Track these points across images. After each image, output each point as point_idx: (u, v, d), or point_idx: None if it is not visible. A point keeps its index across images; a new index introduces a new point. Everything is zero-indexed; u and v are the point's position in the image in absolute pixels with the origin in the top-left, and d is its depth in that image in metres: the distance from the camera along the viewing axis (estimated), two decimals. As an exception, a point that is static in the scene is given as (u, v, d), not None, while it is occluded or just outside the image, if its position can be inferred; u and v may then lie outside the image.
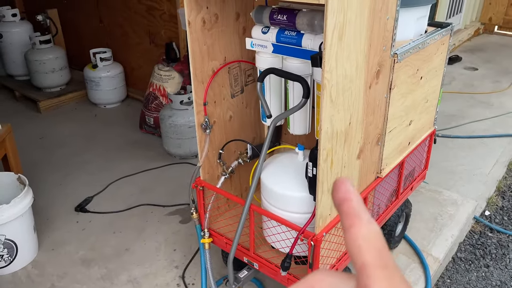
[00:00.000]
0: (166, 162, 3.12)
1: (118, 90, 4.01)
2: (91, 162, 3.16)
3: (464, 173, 3.03)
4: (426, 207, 2.59)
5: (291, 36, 1.53)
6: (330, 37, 1.18)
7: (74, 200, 2.72)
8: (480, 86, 4.46)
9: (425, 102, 1.93)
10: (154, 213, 2.61)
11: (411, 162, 2.04)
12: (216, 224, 1.90)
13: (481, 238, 2.58)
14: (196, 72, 1.65)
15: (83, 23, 4.40)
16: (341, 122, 1.39)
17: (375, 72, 1.47)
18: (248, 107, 1.97)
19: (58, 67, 4.10)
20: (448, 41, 1.91)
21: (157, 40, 3.74)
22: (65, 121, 3.84)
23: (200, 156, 1.79)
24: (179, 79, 3.37)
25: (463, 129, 3.63)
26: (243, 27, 1.79)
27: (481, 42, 5.86)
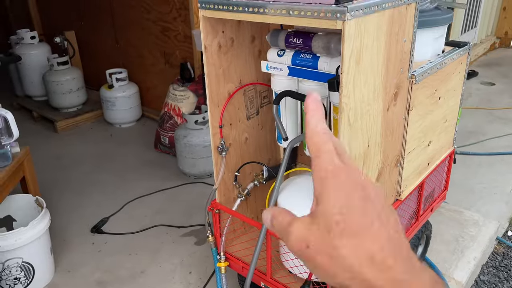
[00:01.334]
0: (181, 182, 3.12)
1: (133, 109, 4.06)
2: (107, 182, 3.18)
3: (484, 191, 2.96)
4: (447, 228, 2.53)
5: (307, 59, 1.52)
6: (348, 62, 1.17)
7: (90, 221, 2.73)
8: (498, 101, 4.39)
9: (444, 122, 1.90)
10: (169, 234, 2.60)
11: (431, 183, 1.99)
12: (232, 247, 1.88)
13: (504, 260, 2.50)
14: (212, 95, 1.65)
15: (99, 44, 4.49)
16: (359, 146, 1.37)
17: (393, 94, 1.45)
18: (263, 128, 1.96)
19: (75, 88, 4.17)
20: (466, 60, 1.88)
21: (172, 60, 3.79)
22: (81, 141, 3.88)
23: (216, 179, 1.78)
24: (193, 99, 3.39)
25: (482, 146, 3.56)
26: (258, 49, 1.79)
27: (498, 56, 5.79)
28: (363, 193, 0.40)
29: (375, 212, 0.39)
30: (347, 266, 0.38)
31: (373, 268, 0.37)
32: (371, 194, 0.40)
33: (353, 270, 0.37)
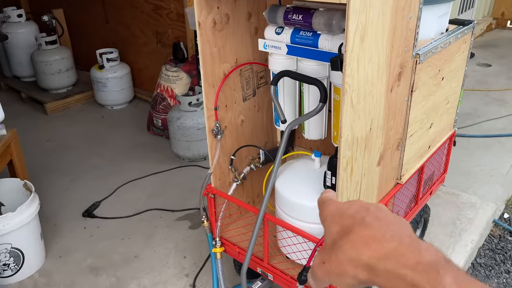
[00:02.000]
0: (175, 165, 3.06)
1: (125, 91, 3.96)
2: (99, 166, 3.11)
3: (481, 174, 2.94)
4: (444, 211, 2.50)
5: (307, 36, 1.45)
6: (352, 39, 1.10)
7: (82, 205, 2.67)
8: (494, 83, 4.35)
9: (446, 103, 1.85)
10: (163, 218, 2.55)
11: (431, 166, 1.95)
12: (228, 232, 1.83)
13: (500, 242, 2.49)
14: (206, 76, 1.58)
15: (89, 23, 4.34)
16: (362, 128, 1.31)
17: (397, 74, 1.39)
18: (260, 110, 1.89)
19: (65, 68, 4.05)
20: (470, 39, 1.82)
21: (164, 40, 3.67)
22: (72, 123, 3.79)
23: (211, 163, 1.72)
24: (187, 80, 3.30)
25: (478, 127, 3.53)
26: (255, 27, 1.71)
27: (494, 37, 5.72)
28: (354, 205, 0.49)
29: (366, 211, 0.47)
30: (350, 257, 0.44)
31: (367, 250, 0.43)
32: (362, 203, 0.49)
33: (354, 258, 0.44)
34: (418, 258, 0.41)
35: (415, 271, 0.40)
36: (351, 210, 0.48)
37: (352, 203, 0.49)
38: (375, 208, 0.47)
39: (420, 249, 0.42)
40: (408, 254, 0.42)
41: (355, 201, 0.50)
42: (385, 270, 0.42)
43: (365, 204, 0.48)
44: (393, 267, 0.41)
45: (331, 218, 0.49)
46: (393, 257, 0.42)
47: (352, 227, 0.45)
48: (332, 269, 0.46)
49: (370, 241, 0.44)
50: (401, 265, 0.41)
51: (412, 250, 0.42)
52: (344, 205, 0.49)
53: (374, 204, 0.48)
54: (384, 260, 0.42)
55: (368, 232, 0.44)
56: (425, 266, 0.40)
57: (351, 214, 0.47)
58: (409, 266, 0.41)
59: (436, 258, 0.41)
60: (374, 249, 0.43)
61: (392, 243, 0.43)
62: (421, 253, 0.42)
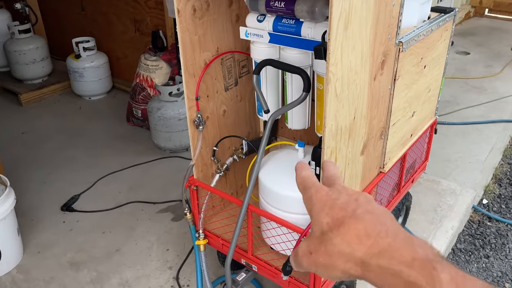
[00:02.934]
0: (156, 157, 3.00)
1: (103, 81, 3.86)
2: (77, 158, 3.03)
3: (460, 160, 2.98)
4: (425, 198, 2.53)
5: (289, 24, 1.42)
6: (336, 26, 1.08)
7: (60, 199, 2.60)
8: (473, 70, 4.41)
9: (428, 91, 1.85)
10: (144, 211, 2.51)
11: (413, 154, 1.96)
12: (211, 224, 1.81)
13: (480, 228, 2.54)
14: (187, 65, 1.53)
15: (64, 11, 4.20)
16: (346, 118, 1.30)
17: (380, 63, 1.38)
18: (242, 100, 1.86)
19: (39, 58, 3.92)
20: (451, 27, 1.82)
21: (143, 28, 3.58)
22: (48, 114, 3.68)
23: (193, 154, 1.69)
24: (167, 69, 3.23)
25: (457, 115, 3.57)
26: (236, 14, 1.67)
27: (472, 25, 5.79)
28: (343, 194, 0.48)
29: (355, 202, 0.46)
30: (341, 251, 0.43)
31: (361, 246, 0.42)
32: (349, 192, 0.48)
33: (346, 253, 0.43)
34: (413, 254, 0.40)
35: (410, 267, 0.39)
36: (340, 200, 0.47)
37: (340, 192, 0.48)
38: (363, 198, 0.47)
39: (414, 244, 0.41)
40: (402, 250, 0.41)
41: (341, 188, 0.49)
42: (379, 266, 0.41)
43: (352, 193, 0.48)
44: (387, 264, 0.41)
45: (319, 207, 0.47)
46: (387, 254, 0.41)
47: (343, 220, 0.44)
48: (320, 261, 0.45)
49: (363, 236, 0.43)
50: (396, 262, 0.40)
51: (407, 246, 0.41)
52: (332, 194, 0.48)
53: (361, 194, 0.48)
54: (378, 256, 0.41)
55: (361, 226, 0.43)
56: (420, 263, 0.39)
57: (341, 206, 0.46)
58: (405, 262, 0.40)
59: (431, 255, 0.40)
60: (369, 245, 0.42)
61: (386, 239, 0.42)
62: (415, 249, 0.41)
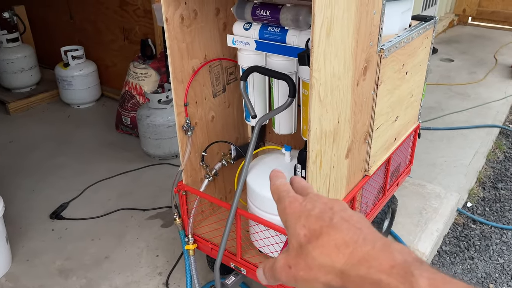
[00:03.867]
0: (145, 164, 3.02)
1: (92, 89, 3.87)
2: (66, 166, 3.03)
3: (445, 165, 3.05)
4: (411, 202, 2.59)
5: (275, 32, 1.46)
6: (318, 34, 1.12)
7: (49, 207, 2.59)
8: (457, 77, 4.51)
9: (410, 97, 1.91)
10: (134, 218, 2.52)
11: (397, 158, 2.01)
12: (201, 229, 1.83)
13: (464, 230, 2.60)
14: (175, 72, 1.57)
15: (52, 20, 4.21)
16: (330, 122, 1.34)
17: (363, 69, 1.43)
18: (230, 106, 1.90)
19: (28, 67, 3.92)
20: (432, 34, 1.88)
21: (132, 36, 3.61)
22: (36, 123, 3.67)
23: (182, 160, 1.72)
24: (156, 77, 3.26)
25: (442, 120, 3.66)
26: (223, 23, 1.71)
27: (456, 33, 5.93)
28: (317, 203, 0.47)
29: (331, 211, 0.45)
30: (321, 264, 0.42)
31: (340, 256, 0.42)
32: (323, 200, 0.47)
33: (326, 265, 0.42)
34: (391, 261, 0.40)
35: (389, 275, 0.39)
36: (316, 210, 0.46)
37: (314, 201, 0.47)
38: (338, 206, 0.46)
39: (393, 251, 0.41)
40: (381, 258, 0.40)
41: (315, 197, 0.48)
42: (358, 276, 0.41)
43: (327, 201, 0.47)
44: (367, 273, 0.40)
45: (295, 219, 0.46)
46: (366, 262, 0.41)
47: (321, 230, 0.43)
48: (301, 275, 0.44)
49: (342, 246, 0.42)
50: (375, 270, 0.40)
51: (385, 253, 0.41)
52: (307, 204, 0.47)
53: (335, 201, 0.47)
54: (357, 266, 0.41)
55: (338, 236, 0.43)
56: (399, 269, 0.39)
57: (317, 215, 0.45)
58: (384, 270, 0.40)
59: (409, 260, 0.40)
60: (348, 255, 0.41)
61: (365, 247, 0.41)
62: (394, 255, 0.41)
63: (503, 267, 2.31)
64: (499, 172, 3.11)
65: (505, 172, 3.11)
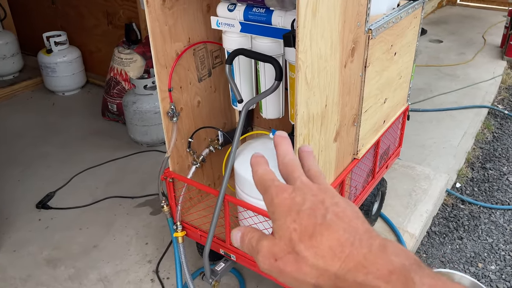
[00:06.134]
0: (133, 151, 2.97)
1: (76, 76, 3.78)
2: (51, 155, 2.97)
3: (434, 146, 3.05)
4: (400, 184, 2.59)
5: (260, 13, 1.42)
6: (304, 14, 1.08)
7: (35, 197, 2.55)
8: (446, 58, 4.50)
9: (399, 78, 1.88)
10: (122, 206, 2.49)
11: (386, 141, 2.00)
12: (189, 216, 1.81)
13: (453, 211, 2.61)
14: (158, 56, 1.52)
15: (34, 5, 4.09)
16: (317, 105, 1.31)
17: (350, 50, 1.39)
18: (217, 91, 1.86)
19: (9, 54, 3.82)
20: (420, 14, 1.85)
21: (116, 21, 3.52)
22: (20, 111, 3.59)
23: (168, 146, 1.68)
24: (141, 62, 3.19)
25: (431, 102, 3.65)
26: (207, 4, 1.66)
27: (445, 14, 5.90)
28: (307, 195, 0.43)
29: (323, 206, 0.42)
30: (313, 265, 0.40)
31: (335, 260, 0.39)
32: (313, 191, 0.44)
33: (319, 268, 0.40)
34: (389, 266, 0.38)
35: (388, 282, 0.37)
36: (307, 204, 0.42)
37: (304, 193, 0.44)
38: (329, 199, 0.43)
39: (389, 253, 0.39)
40: (379, 262, 0.38)
41: (304, 187, 0.44)
42: (356, 282, 0.38)
43: (317, 193, 0.44)
44: (364, 279, 0.38)
45: (284, 211, 0.43)
46: (363, 268, 0.38)
47: (314, 229, 0.41)
48: (287, 271, 0.41)
49: (337, 248, 0.40)
50: (373, 277, 0.38)
51: (382, 256, 0.39)
52: (296, 196, 0.43)
53: (326, 192, 0.44)
54: (354, 271, 0.39)
55: (333, 237, 0.40)
56: (398, 275, 0.37)
57: (308, 212, 0.42)
58: (382, 277, 0.38)
59: (407, 264, 0.38)
60: (343, 259, 0.39)
61: (361, 249, 0.39)
62: (391, 259, 0.39)
63: (492, 246, 2.33)
64: (487, 152, 3.13)
65: (494, 152, 3.13)
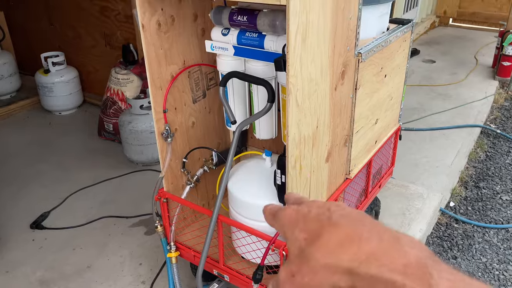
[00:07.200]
0: (128, 170, 2.99)
1: (73, 95, 3.82)
2: (47, 174, 2.98)
3: (428, 165, 3.08)
4: (394, 203, 2.60)
5: (253, 37, 1.46)
6: (294, 40, 1.12)
7: (29, 216, 2.55)
8: (439, 78, 4.57)
9: (390, 99, 1.92)
10: (117, 226, 2.48)
11: (379, 160, 2.03)
12: (183, 236, 1.81)
13: (447, 230, 2.62)
14: (153, 78, 1.55)
15: (32, 26, 4.15)
16: (308, 127, 1.34)
17: (340, 73, 1.43)
18: (211, 112, 1.89)
19: (7, 74, 3.85)
20: (410, 37, 1.90)
21: (113, 42, 3.58)
22: (17, 131, 3.61)
23: (162, 166, 1.70)
24: (138, 83, 3.23)
25: (424, 121, 3.70)
26: (202, 28, 1.70)
27: (437, 34, 6.01)
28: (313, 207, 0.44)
29: (328, 211, 0.42)
30: (325, 264, 0.39)
31: (345, 253, 0.39)
32: (319, 204, 0.45)
33: (332, 265, 0.39)
34: (404, 259, 0.37)
35: (404, 275, 0.36)
36: (312, 212, 0.43)
37: (309, 205, 0.45)
38: (335, 206, 0.44)
39: (403, 245, 0.38)
40: (391, 254, 0.37)
41: (310, 203, 0.46)
42: (369, 275, 0.37)
43: (322, 205, 0.44)
44: (378, 272, 0.37)
45: (292, 224, 0.44)
46: (375, 260, 0.37)
47: (321, 230, 0.41)
48: (306, 282, 0.40)
49: (345, 242, 0.39)
50: (387, 269, 0.36)
51: (395, 247, 0.38)
52: (302, 209, 0.44)
53: (331, 203, 0.45)
54: (366, 263, 0.37)
55: (340, 232, 0.40)
56: (415, 270, 0.36)
57: (314, 217, 0.42)
58: (397, 270, 0.36)
59: (423, 257, 0.37)
60: (354, 251, 0.38)
61: (371, 241, 0.38)
62: (405, 251, 0.37)
63: (486, 265, 2.34)
64: (480, 171, 3.16)
65: (487, 171, 3.16)
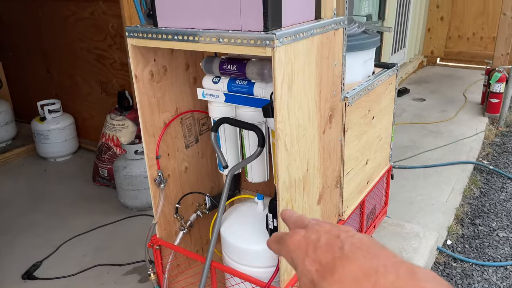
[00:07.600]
0: (122, 216, 2.97)
1: (68, 142, 3.85)
2: (40, 222, 2.95)
3: (423, 203, 3.08)
4: (390, 242, 2.58)
5: (242, 85, 1.51)
6: (280, 88, 1.17)
7: (22, 266, 2.50)
8: (429, 116, 4.66)
9: (379, 140, 1.96)
10: (110, 274, 2.44)
11: (372, 200, 2.04)
12: (177, 284, 1.78)
13: (446, 269, 2.59)
14: (146, 126, 1.59)
15: (29, 74, 4.25)
16: (298, 170, 1.36)
17: (328, 117, 1.47)
18: (204, 156, 1.91)
19: (3, 122, 3.90)
20: (395, 80, 1.96)
21: (109, 89, 3.66)
22: (11, 178, 3.60)
23: (155, 213, 1.70)
24: (133, 128, 3.27)
25: (417, 159, 3.73)
26: (193, 77, 1.76)
27: (426, 74, 6.18)
28: (321, 232, 0.43)
29: (338, 240, 0.41)
30: None
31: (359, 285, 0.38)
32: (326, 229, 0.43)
33: None
34: None
35: None
36: (322, 240, 0.42)
37: (317, 231, 0.43)
38: (344, 233, 0.42)
39: (420, 280, 0.37)
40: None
41: (316, 225, 0.44)
42: None
43: (330, 229, 0.43)
44: None
45: (301, 252, 0.42)
46: None
47: (334, 263, 0.39)
48: None
49: (362, 278, 0.38)
50: None
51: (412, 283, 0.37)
52: (310, 235, 0.43)
53: (339, 227, 0.44)
54: None
55: (355, 267, 0.38)
56: None
57: (324, 246, 0.41)
58: None
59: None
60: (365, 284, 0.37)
61: (388, 276, 0.37)
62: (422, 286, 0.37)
63: (487, 305, 2.30)
64: (476, 208, 3.16)
65: (482, 208, 3.16)
